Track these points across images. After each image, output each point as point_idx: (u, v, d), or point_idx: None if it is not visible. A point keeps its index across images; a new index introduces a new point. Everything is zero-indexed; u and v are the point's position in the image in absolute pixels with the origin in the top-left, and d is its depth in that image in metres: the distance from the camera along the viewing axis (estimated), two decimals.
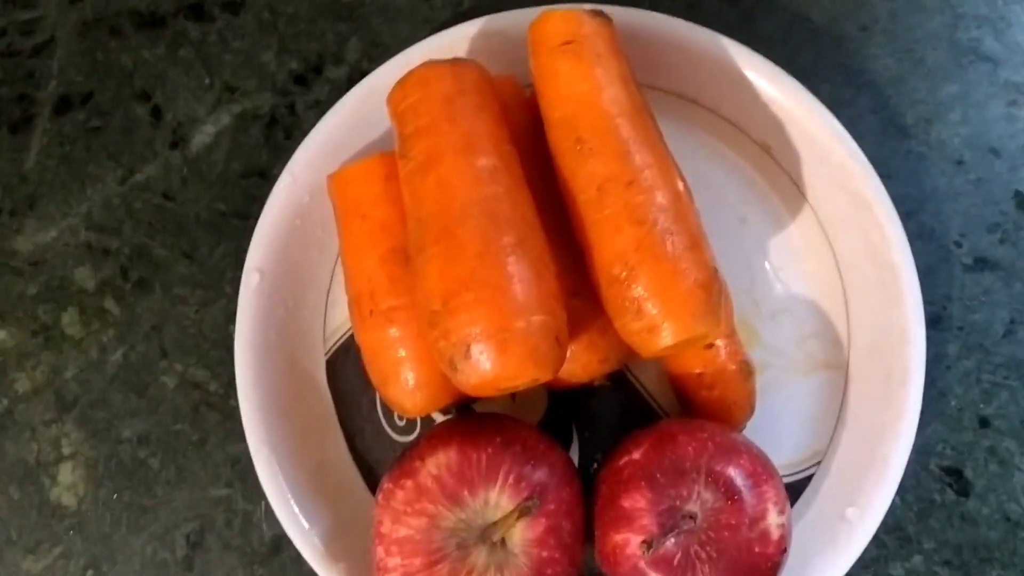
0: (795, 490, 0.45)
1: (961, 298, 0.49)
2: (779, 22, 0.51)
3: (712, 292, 0.38)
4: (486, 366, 0.36)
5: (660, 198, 0.39)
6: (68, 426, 0.49)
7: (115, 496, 0.49)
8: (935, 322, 0.48)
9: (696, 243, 0.39)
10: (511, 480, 0.39)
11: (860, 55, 0.51)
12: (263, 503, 0.48)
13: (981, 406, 0.48)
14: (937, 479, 0.47)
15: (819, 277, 0.48)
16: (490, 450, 0.39)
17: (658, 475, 0.39)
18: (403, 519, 0.39)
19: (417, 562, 0.38)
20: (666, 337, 0.38)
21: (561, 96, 0.41)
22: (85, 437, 0.49)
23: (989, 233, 0.49)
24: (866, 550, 0.45)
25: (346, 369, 0.48)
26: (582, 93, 0.41)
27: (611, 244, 0.39)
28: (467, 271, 0.37)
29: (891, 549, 0.46)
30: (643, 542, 0.38)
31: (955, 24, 0.51)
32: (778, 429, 0.46)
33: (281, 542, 0.48)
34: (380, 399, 0.47)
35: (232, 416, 0.49)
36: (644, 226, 0.38)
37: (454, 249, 0.38)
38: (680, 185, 0.40)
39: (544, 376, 0.38)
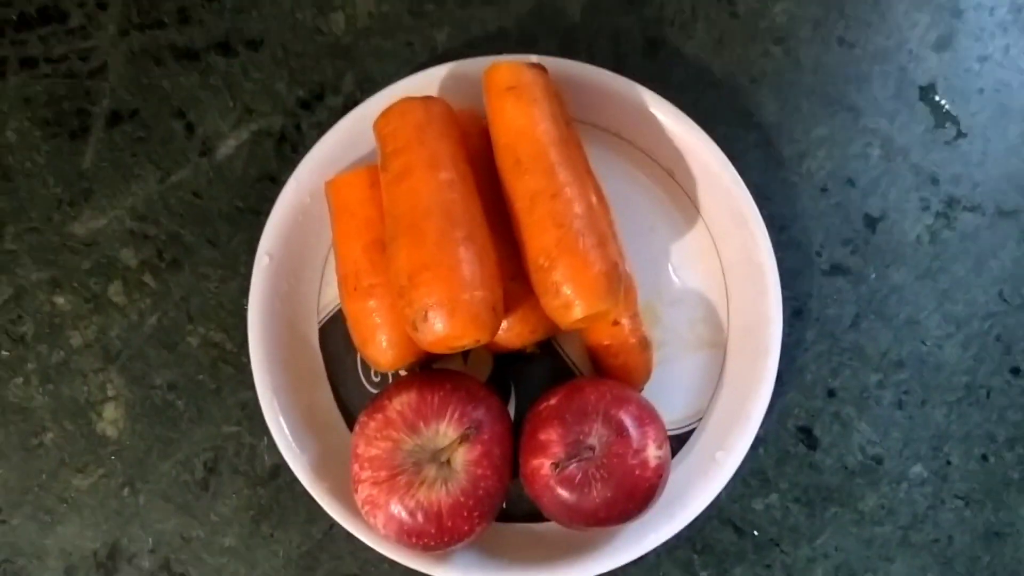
0: (681, 440, 0.54)
1: (819, 296, 0.57)
2: (687, 74, 0.59)
3: (613, 279, 0.47)
4: (439, 327, 0.45)
5: (577, 208, 0.47)
6: (112, 374, 0.56)
7: (148, 429, 0.56)
8: (797, 314, 0.57)
9: (603, 242, 0.47)
10: (456, 416, 0.48)
11: (750, 102, 0.59)
12: (265, 438, 0.55)
13: (830, 380, 0.56)
14: (792, 435, 0.56)
15: (708, 274, 0.56)
16: (442, 393, 0.48)
17: (567, 416, 0.48)
18: (374, 443, 0.48)
19: (383, 474, 0.47)
20: (577, 312, 0.46)
21: (505, 127, 0.49)
22: (126, 383, 0.56)
23: (843, 246, 0.57)
24: (735, 488, 0.55)
25: (334, 335, 0.55)
26: (521, 126, 0.48)
27: (538, 241, 0.47)
28: (427, 255, 0.45)
29: (754, 488, 0.55)
30: (552, 464, 0.47)
31: (826, 80, 0.59)
32: (672, 393, 0.55)
33: (279, 469, 0.55)
34: (360, 358, 0.55)
35: (242, 369, 0.56)
36: (563, 228, 0.46)
37: (418, 239, 0.45)
38: (594, 198, 0.49)
39: (483, 338, 0.46)
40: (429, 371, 0.52)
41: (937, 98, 0.60)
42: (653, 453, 0.49)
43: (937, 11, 0.61)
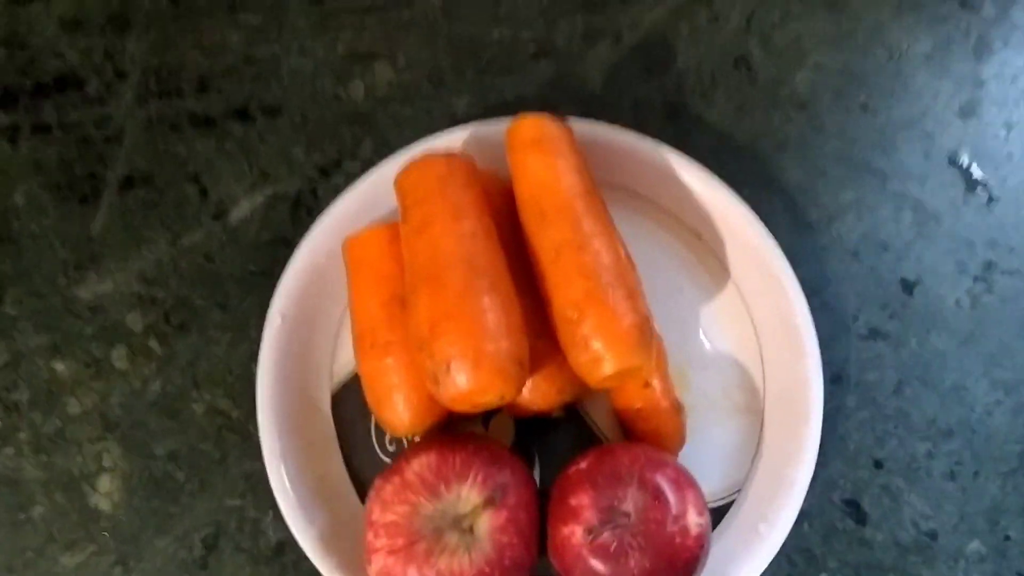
0: (720, 513, 0.51)
1: (857, 361, 0.55)
2: (709, 139, 0.59)
3: (644, 332, 0.45)
4: (462, 380, 0.43)
5: (604, 259, 0.46)
6: (110, 443, 0.54)
7: (145, 503, 0.53)
8: (836, 380, 0.55)
9: (632, 294, 0.46)
10: (479, 478, 0.45)
11: (774, 167, 0.58)
12: (271, 512, 0.53)
13: (875, 450, 0.54)
14: (838, 509, 0.53)
15: (740, 338, 0.54)
16: (463, 454, 0.46)
17: (599, 479, 0.46)
18: (390, 507, 0.45)
19: (400, 541, 0.44)
20: (607, 367, 0.44)
21: (530, 180, 0.48)
22: (124, 453, 0.54)
23: (880, 310, 0.56)
24: (780, 567, 0.51)
25: (348, 402, 0.53)
26: (546, 178, 0.48)
27: (565, 293, 0.45)
28: (450, 305, 0.44)
29: (800, 567, 0.52)
30: (585, 530, 0.44)
31: (851, 146, 0.59)
32: (707, 462, 0.52)
33: (284, 547, 0.52)
34: (374, 426, 0.53)
35: (249, 439, 0.54)
36: (591, 280, 0.45)
37: (440, 288, 0.44)
38: (621, 251, 0.48)
39: (509, 391, 0.44)
40: (449, 433, 0.50)
41: (966, 164, 0.60)
42: (694, 520, 0.46)
43: (959, 80, 0.61)
